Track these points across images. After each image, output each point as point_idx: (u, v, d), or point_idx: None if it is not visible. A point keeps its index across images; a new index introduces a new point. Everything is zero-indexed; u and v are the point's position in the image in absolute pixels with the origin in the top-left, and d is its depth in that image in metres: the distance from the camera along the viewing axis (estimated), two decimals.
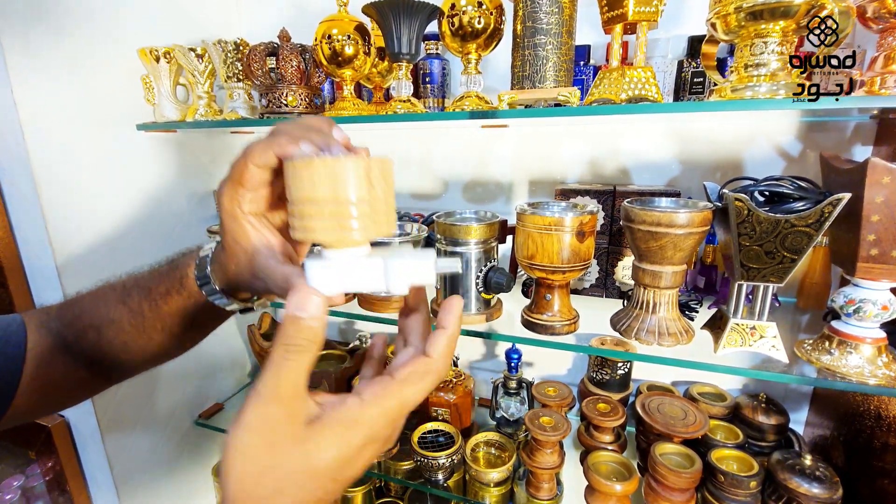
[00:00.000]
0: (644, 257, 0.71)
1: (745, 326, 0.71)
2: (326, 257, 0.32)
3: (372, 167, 0.30)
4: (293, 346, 0.28)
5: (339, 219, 0.30)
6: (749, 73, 0.63)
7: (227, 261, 0.40)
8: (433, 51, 0.98)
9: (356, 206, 0.30)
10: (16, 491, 1.12)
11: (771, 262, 0.66)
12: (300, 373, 0.28)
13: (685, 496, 0.82)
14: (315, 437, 0.28)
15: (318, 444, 0.28)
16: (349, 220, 0.30)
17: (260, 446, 0.27)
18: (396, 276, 0.31)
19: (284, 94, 0.87)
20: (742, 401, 0.97)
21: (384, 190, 0.31)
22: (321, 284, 0.31)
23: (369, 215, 0.30)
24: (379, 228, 0.31)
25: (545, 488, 0.94)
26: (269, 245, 0.38)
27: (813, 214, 0.61)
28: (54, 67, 0.87)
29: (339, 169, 0.29)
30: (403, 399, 0.30)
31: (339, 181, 0.29)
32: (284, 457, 0.27)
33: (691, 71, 0.83)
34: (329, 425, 0.29)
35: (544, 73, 0.70)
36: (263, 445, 0.27)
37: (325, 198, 0.29)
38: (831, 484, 0.76)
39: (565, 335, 0.78)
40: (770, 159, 0.92)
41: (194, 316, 0.46)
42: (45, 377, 0.48)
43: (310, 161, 0.30)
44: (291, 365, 0.28)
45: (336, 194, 0.29)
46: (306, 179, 0.30)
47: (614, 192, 0.89)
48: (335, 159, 0.30)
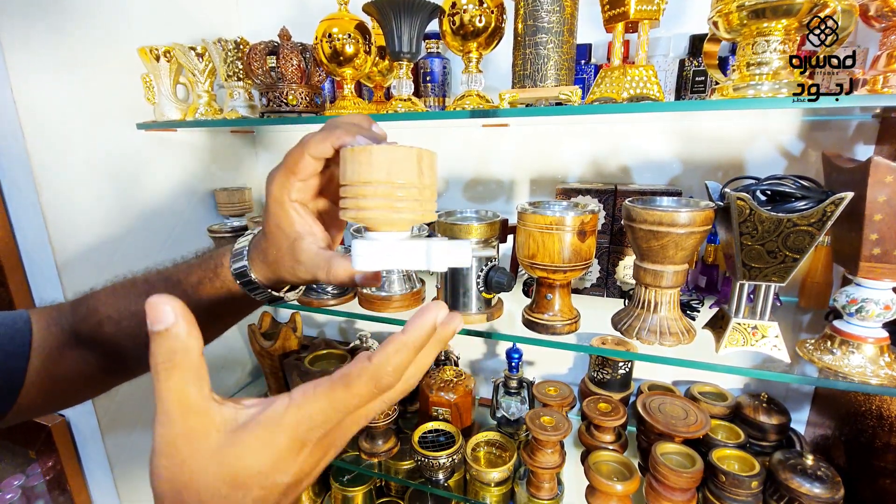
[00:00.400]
0: (645, 257, 0.71)
1: (746, 326, 0.71)
2: (372, 238, 0.34)
3: (423, 157, 0.33)
4: (160, 364, 0.26)
5: (391, 200, 0.33)
6: (751, 71, 0.62)
7: (267, 247, 0.41)
8: (434, 49, 0.98)
9: (406, 189, 0.33)
10: (16, 490, 1.12)
11: (773, 262, 0.66)
12: (182, 388, 0.26)
13: (686, 496, 0.82)
14: (236, 443, 0.26)
15: (238, 451, 0.26)
16: (399, 202, 0.33)
17: (170, 466, 0.26)
18: (438, 256, 0.33)
19: (285, 92, 0.86)
20: (743, 400, 0.97)
21: (431, 179, 0.35)
22: (367, 261, 0.33)
23: (417, 200, 0.33)
24: (424, 214, 0.34)
25: (546, 488, 0.94)
26: (311, 232, 0.40)
27: (815, 214, 0.61)
28: (54, 66, 0.87)
29: (396, 155, 0.32)
30: (333, 402, 0.27)
31: (394, 166, 0.32)
32: (200, 470, 0.26)
33: (693, 70, 0.83)
34: (250, 430, 0.27)
35: (545, 71, 0.69)
36: (175, 465, 0.26)
37: (379, 180, 0.32)
38: (833, 484, 0.76)
39: (566, 335, 0.78)
40: (772, 158, 0.92)
41: (224, 307, 0.46)
42: (52, 373, 0.48)
43: (369, 147, 0.33)
44: (167, 384, 0.26)
45: (390, 178, 0.32)
46: (364, 163, 0.32)
47: (615, 191, 0.89)
48: (392, 147, 0.33)
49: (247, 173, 1.36)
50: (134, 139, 1.02)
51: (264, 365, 1.14)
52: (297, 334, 1.14)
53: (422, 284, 0.94)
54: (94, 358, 0.49)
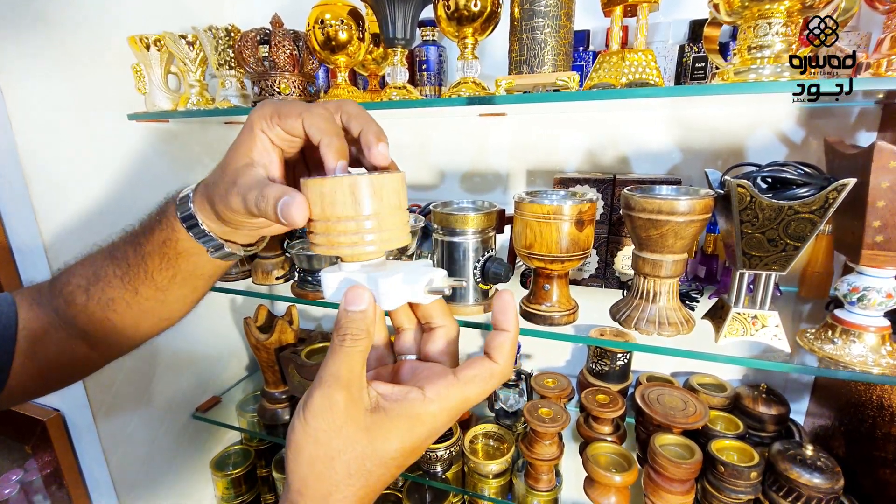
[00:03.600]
0: (644, 246, 0.70)
1: (746, 316, 0.70)
2: (341, 267, 0.34)
3: (358, 187, 0.31)
4: (348, 335, 0.30)
5: (329, 236, 0.32)
6: (752, 55, 0.61)
7: (217, 182, 0.38)
8: (429, 37, 0.96)
9: (343, 223, 0.32)
10: (14, 485, 1.11)
11: (773, 250, 0.65)
12: (357, 360, 0.30)
13: (685, 487, 0.82)
14: (381, 425, 0.30)
15: (385, 434, 0.30)
16: (340, 235, 0.32)
17: (329, 430, 0.29)
18: (385, 294, 0.32)
19: (277, 81, 0.85)
20: (742, 391, 0.96)
21: (394, 205, 0.33)
22: (332, 292, 0.34)
23: (357, 233, 0.32)
24: (390, 242, 0.33)
25: (544, 480, 0.93)
26: (265, 164, 0.37)
27: (817, 200, 0.60)
28: (42, 56, 0.85)
29: (324, 189, 0.31)
30: (466, 398, 0.31)
31: (326, 200, 0.31)
32: (353, 441, 0.29)
33: (693, 56, 0.81)
34: (394, 417, 0.30)
35: (542, 57, 0.68)
36: (332, 429, 0.29)
37: (332, 216, 0.32)
38: (833, 474, 0.76)
39: (564, 325, 0.77)
40: (772, 146, 0.90)
41: (177, 259, 0.44)
42: (40, 355, 0.48)
43: (306, 181, 0.32)
44: (348, 352, 0.30)
45: (324, 213, 0.32)
46: (317, 198, 0.32)
47: (614, 180, 0.88)
48: (337, 180, 0.31)
49: None
50: (126, 130, 1.00)
51: (260, 358, 1.13)
52: (293, 327, 1.13)
53: None
54: (75, 333, 0.49)
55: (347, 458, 0.29)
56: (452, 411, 0.31)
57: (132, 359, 1.06)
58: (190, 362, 1.24)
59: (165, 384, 1.16)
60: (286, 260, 1.05)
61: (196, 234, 0.42)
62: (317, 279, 0.93)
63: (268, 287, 1.03)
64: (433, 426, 0.31)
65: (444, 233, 0.80)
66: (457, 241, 0.79)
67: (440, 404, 0.31)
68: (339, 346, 0.30)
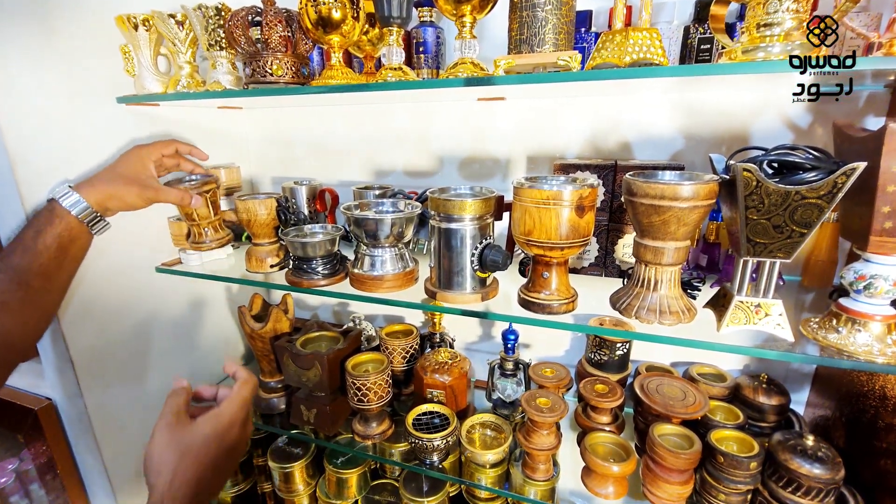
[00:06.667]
0: (646, 233, 0.68)
1: (749, 304, 0.68)
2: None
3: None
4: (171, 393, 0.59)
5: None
6: (761, 33, 0.59)
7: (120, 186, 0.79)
8: (427, 18, 0.93)
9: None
10: (10, 474, 1.11)
11: (779, 237, 0.63)
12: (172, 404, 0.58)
13: (684, 477, 0.81)
14: (196, 428, 0.56)
15: (198, 430, 0.55)
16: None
17: (164, 437, 0.54)
18: None
19: (269, 62, 0.82)
20: (743, 381, 0.95)
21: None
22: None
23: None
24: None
25: (541, 469, 0.93)
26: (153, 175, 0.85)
27: (825, 185, 0.58)
28: (28, 35, 0.82)
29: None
30: (242, 398, 0.60)
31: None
32: (178, 439, 0.54)
33: (698, 37, 0.79)
34: (202, 420, 0.57)
35: (543, 36, 0.65)
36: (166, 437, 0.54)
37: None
38: (833, 464, 0.75)
39: (563, 314, 0.76)
40: (778, 132, 0.88)
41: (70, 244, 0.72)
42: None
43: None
44: (169, 400, 0.58)
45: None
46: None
47: (615, 166, 0.86)
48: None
49: (235, 151, 1.32)
50: (115, 115, 0.98)
51: (256, 348, 1.12)
52: (288, 316, 1.11)
53: (415, 264, 0.91)
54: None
55: (180, 448, 0.53)
56: (236, 406, 0.59)
57: (125, 347, 1.06)
58: (184, 351, 1.23)
59: (159, 373, 1.15)
60: (280, 247, 1.03)
61: (90, 220, 0.75)
62: (312, 267, 0.91)
63: (263, 275, 1.01)
64: (229, 418, 0.58)
65: (442, 219, 0.78)
66: (454, 228, 0.77)
67: (227, 404, 0.59)
68: (169, 398, 0.58)
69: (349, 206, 0.88)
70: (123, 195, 0.78)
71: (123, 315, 1.05)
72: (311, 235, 0.95)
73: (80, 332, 0.96)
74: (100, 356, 1.00)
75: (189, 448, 0.52)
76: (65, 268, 0.72)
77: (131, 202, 0.80)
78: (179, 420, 0.55)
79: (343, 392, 1.03)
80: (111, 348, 1.03)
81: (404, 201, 0.92)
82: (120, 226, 1.01)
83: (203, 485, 0.51)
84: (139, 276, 1.07)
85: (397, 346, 1.10)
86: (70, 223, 0.72)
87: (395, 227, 0.83)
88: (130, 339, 1.07)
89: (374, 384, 0.95)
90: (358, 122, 1.21)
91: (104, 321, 1.01)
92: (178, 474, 0.50)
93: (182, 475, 0.50)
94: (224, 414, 0.57)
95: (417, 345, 1.14)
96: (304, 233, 0.96)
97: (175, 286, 1.16)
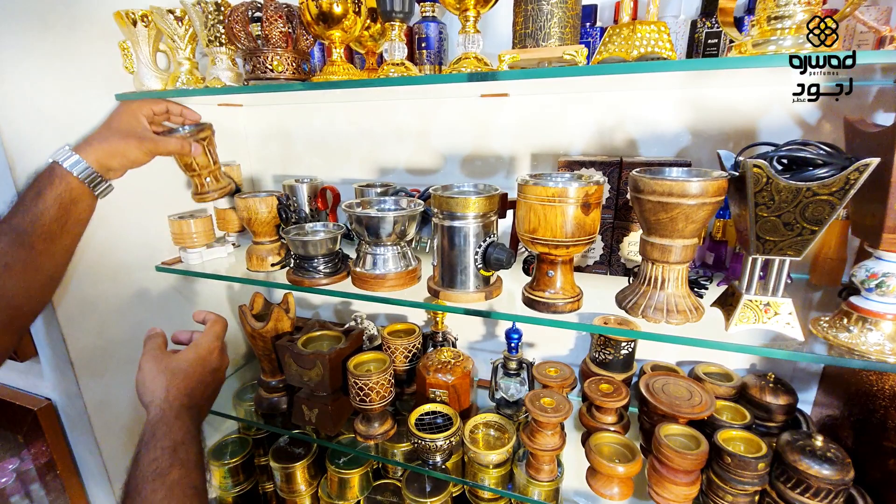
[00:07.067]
0: (653, 230, 0.67)
1: (758, 303, 0.67)
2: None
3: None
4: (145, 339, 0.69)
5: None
6: (772, 26, 0.57)
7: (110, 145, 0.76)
8: (429, 13, 0.92)
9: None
10: (11, 474, 1.10)
11: (789, 235, 0.62)
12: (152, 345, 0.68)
13: (690, 478, 0.80)
14: (180, 355, 0.65)
15: (182, 356, 0.65)
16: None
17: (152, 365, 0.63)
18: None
19: (270, 58, 0.81)
20: (749, 380, 0.94)
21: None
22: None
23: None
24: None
25: (546, 470, 0.92)
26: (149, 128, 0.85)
27: (837, 182, 0.56)
28: (25, 31, 0.81)
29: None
30: (214, 332, 0.72)
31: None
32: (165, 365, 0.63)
33: (705, 31, 0.77)
34: (184, 350, 0.67)
35: (549, 29, 0.64)
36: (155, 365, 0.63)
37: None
38: (843, 465, 0.74)
39: (568, 313, 0.75)
40: (786, 128, 0.87)
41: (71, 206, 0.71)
42: None
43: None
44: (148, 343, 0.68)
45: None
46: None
47: (621, 163, 0.84)
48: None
49: (235, 149, 1.30)
50: None
51: (257, 347, 1.11)
52: (289, 315, 1.10)
53: (417, 262, 0.90)
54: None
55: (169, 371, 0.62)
56: (211, 337, 0.70)
57: (125, 347, 1.05)
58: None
59: None
60: (282, 246, 1.02)
61: (91, 181, 0.73)
62: (313, 266, 0.90)
63: (264, 274, 1.00)
64: (207, 346, 0.69)
65: (444, 217, 0.77)
66: (457, 226, 0.76)
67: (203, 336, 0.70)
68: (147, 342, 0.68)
69: (351, 204, 0.87)
70: (124, 150, 0.77)
71: (123, 314, 1.04)
72: (313, 234, 0.94)
73: (79, 332, 0.95)
74: (99, 356, 0.99)
75: (177, 369, 0.61)
76: (68, 230, 0.71)
77: (133, 157, 0.79)
78: (163, 352, 0.65)
79: (345, 392, 1.02)
80: (111, 348, 1.02)
81: (406, 199, 0.91)
82: (120, 224, 1.00)
83: (195, 397, 0.60)
84: (139, 275, 1.06)
85: (399, 346, 1.09)
86: (70, 184, 0.71)
87: (397, 225, 0.81)
88: (130, 339, 1.06)
89: (377, 384, 0.94)
90: (359, 119, 1.20)
91: (104, 320, 1.00)
92: (172, 390, 0.58)
93: (175, 390, 0.58)
94: (202, 344, 0.68)
95: (420, 344, 1.13)
96: (305, 231, 0.95)
97: (175, 285, 1.15)
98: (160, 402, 0.57)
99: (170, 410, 0.57)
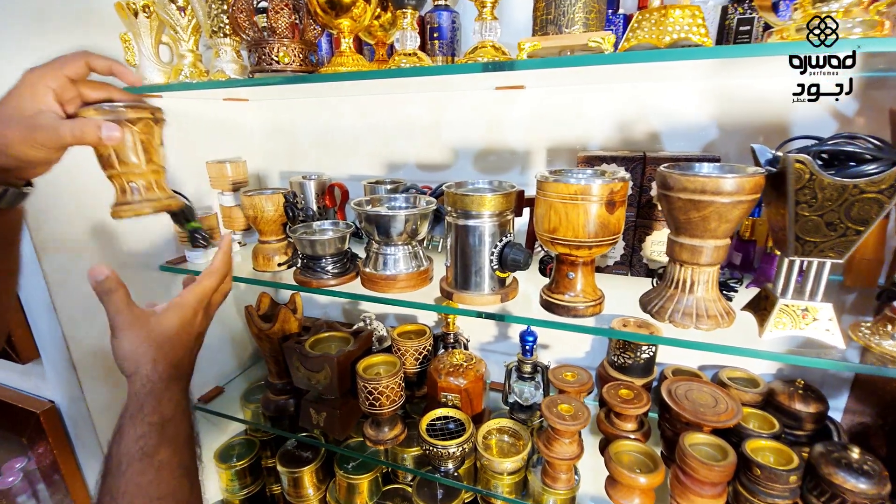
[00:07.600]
0: (682, 230, 0.63)
1: (796, 308, 0.63)
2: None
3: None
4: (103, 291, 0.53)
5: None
6: (818, 8, 0.53)
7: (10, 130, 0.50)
8: (442, 2, 0.88)
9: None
10: (17, 474, 1.09)
11: (832, 235, 0.58)
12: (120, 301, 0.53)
13: (716, 490, 0.76)
14: (163, 319, 0.54)
15: (166, 322, 0.54)
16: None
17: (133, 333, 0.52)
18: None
19: (276, 49, 0.77)
20: (777, 387, 0.89)
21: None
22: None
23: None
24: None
25: (562, 479, 0.88)
26: (53, 109, 0.53)
27: (888, 178, 0.52)
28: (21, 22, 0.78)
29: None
30: (202, 287, 0.58)
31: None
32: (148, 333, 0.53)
33: (737, 18, 0.73)
34: (167, 311, 0.55)
35: (572, 15, 0.60)
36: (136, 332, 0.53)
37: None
38: (880, 478, 0.69)
39: (589, 317, 0.71)
40: (820, 121, 0.82)
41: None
42: None
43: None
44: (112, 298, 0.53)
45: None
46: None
47: (644, 158, 0.80)
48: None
49: (241, 144, 1.27)
50: None
51: (263, 348, 1.08)
52: (296, 316, 1.08)
53: (429, 262, 0.87)
54: None
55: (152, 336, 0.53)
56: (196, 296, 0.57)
57: None
58: None
59: None
60: (288, 245, 0.99)
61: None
62: (321, 266, 0.87)
63: (270, 274, 0.97)
64: (192, 307, 0.56)
65: (459, 216, 0.73)
66: (472, 225, 0.72)
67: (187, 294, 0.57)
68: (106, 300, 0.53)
69: (360, 202, 0.84)
70: (5, 146, 0.51)
71: None
72: (321, 233, 0.91)
73: (81, 334, 0.92)
74: (102, 358, 0.97)
75: (163, 338, 0.53)
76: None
77: (23, 154, 0.51)
78: (142, 313, 0.53)
79: (354, 395, 0.99)
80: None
81: (418, 196, 0.88)
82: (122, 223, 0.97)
83: (183, 367, 0.56)
84: (143, 275, 1.03)
85: (410, 347, 1.06)
86: None
87: (408, 223, 0.78)
88: None
89: (387, 388, 0.91)
90: (369, 113, 1.16)
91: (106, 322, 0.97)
92: (160, 361, 0.52)
93: (164, 361, 0.52)
94: (187, 304, 0.56)
95: (431, 345, 1.09)
96: (312, 230, 0.92)
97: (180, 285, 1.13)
98: (148, 373, 0.51)
99: (159, 382, 0.51)
